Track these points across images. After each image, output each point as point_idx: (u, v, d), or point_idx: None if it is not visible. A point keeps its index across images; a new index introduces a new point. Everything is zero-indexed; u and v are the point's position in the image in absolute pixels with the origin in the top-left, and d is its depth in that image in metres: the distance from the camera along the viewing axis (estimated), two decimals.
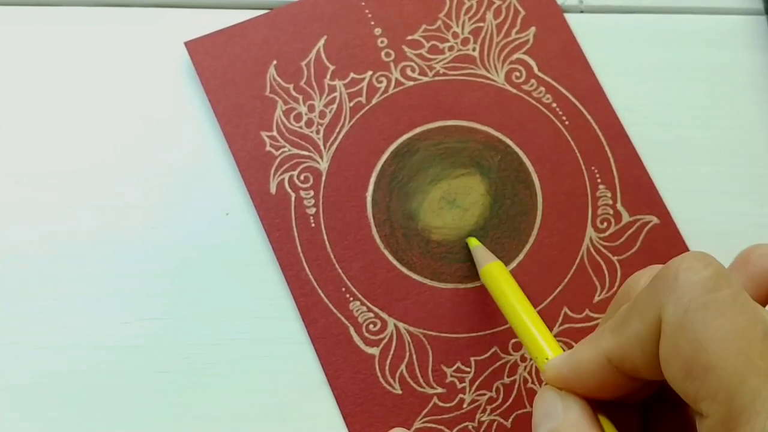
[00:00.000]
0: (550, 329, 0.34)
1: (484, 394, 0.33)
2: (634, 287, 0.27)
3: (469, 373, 0.33)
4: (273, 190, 0.35)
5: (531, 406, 0.33)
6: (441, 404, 0.33)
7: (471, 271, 0.34)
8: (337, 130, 0.35)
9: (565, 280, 0.34)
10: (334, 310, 0.33)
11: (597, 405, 0.26)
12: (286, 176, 0.35)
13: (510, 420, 0.33)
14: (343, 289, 0.34)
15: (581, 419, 0.26)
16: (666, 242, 0.35)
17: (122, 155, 0.35)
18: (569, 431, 0.26)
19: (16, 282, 0.33)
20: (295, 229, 0.34)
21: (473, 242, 0.34)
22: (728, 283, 0.23)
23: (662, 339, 0.23)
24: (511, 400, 0.33)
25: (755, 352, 0.21)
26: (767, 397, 0.21)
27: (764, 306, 0.26)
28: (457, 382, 0.33)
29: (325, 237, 0.34)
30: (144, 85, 0.36)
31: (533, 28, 0.37)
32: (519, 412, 0.33)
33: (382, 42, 0.37)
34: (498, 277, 0.32)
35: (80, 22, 0.36)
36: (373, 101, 0.36)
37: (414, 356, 0.33)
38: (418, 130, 0.36)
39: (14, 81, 0.35)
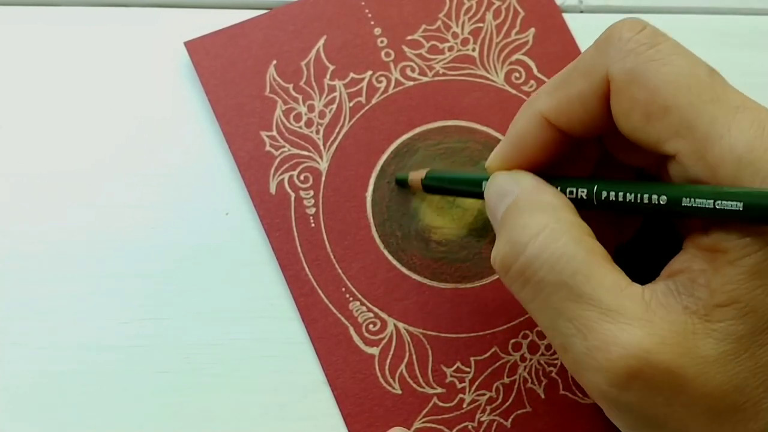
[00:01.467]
0: None
1: (484, 394, 0.33)
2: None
3: (468, 373, 0.33)
4: (273, 190, 0.35)
5: (531, 406, 0.33)
6: (441, 404, 0.33)
7: (471, 271, 0.34)
8: (336, 130, 0.35)
9: None
10: (334, 310, 0.33)
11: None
12: (286, 176, 0.35)
13: (510, 420, 0.33)
14: (343, 289, 0.34)
15: (538, 182, 0.27)
16: None
17: (122, 155, 0.35)
18: (529, 197, 0.26)
19: (16, 282, 0.33)
20: (295, 229, 0.34)
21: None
22: (666, 37, 0.25)
23: (614, 95, 0.25)
24: (511, 400, 0.33)
25: (704, 86, 0.24)
26: (724, 120, 0.23)
27: None
28: (457, 382, 0.33)
29: (325, 237, 0.34)
30: (143, 85, 0.36)
31: (533, 29, 0.37)
32: (519, 412, 0.33)
33: (381, 42, 0.37)
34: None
35: (80, 22, 0.36)
36: (373, 101, 0.36)
37: (414, 356, 0.33)
38: (418, 130, 0.36)
39: (14, 81, 0.35)
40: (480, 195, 0.30)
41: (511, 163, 0.28)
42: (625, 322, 0.23)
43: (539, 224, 0.25)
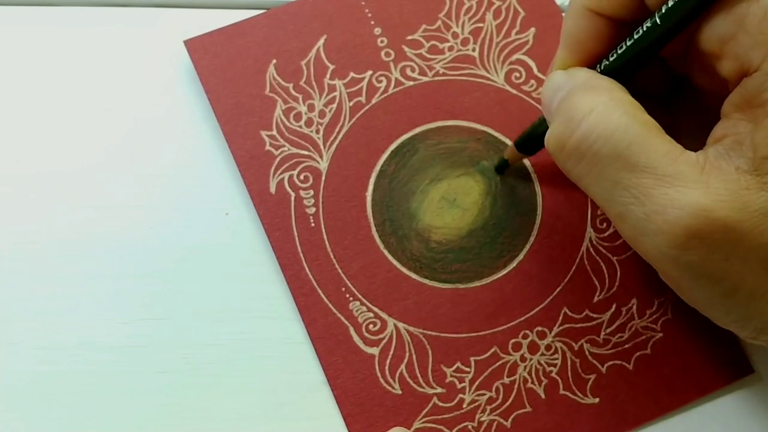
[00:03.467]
0: (550, 330, 0.34)
1: (484, 394, 0.33)
2: None
3: (468, 373, 0.33)
4: (273, 189, 0.34)
5: (531, 406, 0.33)
6: (441, 404, 0.33)
7: (471, 271, 0.34)
8: (336, 130, 0.35)
9: (565, 280, 0.34)
10: (334, 310, 0.33)
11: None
12: (286, 176, 0.35)
13: (510, 420, 0.33)
14: (343, 288, 0.34)
15: (592, 73, 0.28)
16: None
17: (121, 155, 0.35)
18: (583, 84, 0.27)
19: (16, 282, 0.33)
20: (294, 229, 0.34)
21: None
22: None
23: None
24: (510, 400, 0.33)
25: None
26: None
27: None
28: (457, 382, 0.33)
29: (325, 237, 0.34)
30: (143, 85, 0.36)
31: (533, 29, 0.37)
32: (519, 412, 0.33)
33: (381, 42, 0.37)
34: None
35: (79, 22, 0.36)
36: (373, 101, 0.36)
37: (414, 356, 0.33)
38: (418, 130, 0.36)
39: (14, 81, 0.35)
40: None
41: (569, 65, 0.29)
42: (682, 185, 0.24)
43: (593, 101, 0.26)
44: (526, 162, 0.36)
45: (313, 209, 0.34)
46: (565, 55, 0.29)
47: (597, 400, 0.33)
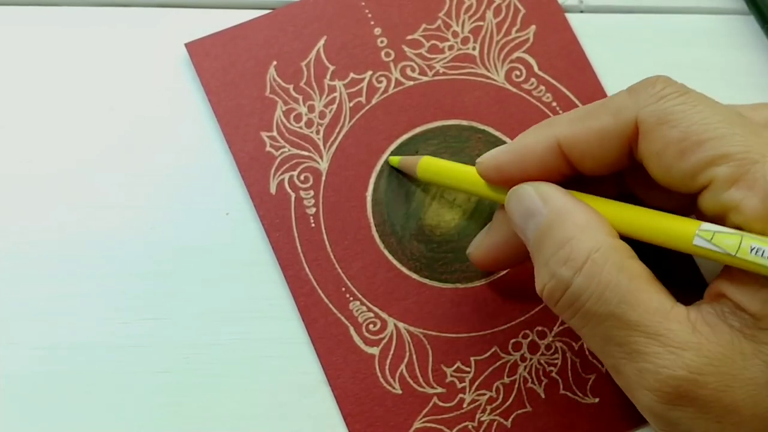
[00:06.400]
0: (550, 329, 0.34)
1: (484, 394, 0.33)
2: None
3: (469, 372, 0.33)
4: (273, 190, 0.35)
5: (531, 406, 0.33)
6: (441, 404, 0.33)
7: (471, 271, 0.34)
8: (337, 130, 0.35)
9: None
10: (334, 310, 0.33)
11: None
12: (286, 176, 0.35)
13: (510, 420, 0.33)
14: (343, 289, 0.34)
15: (566, 200, 0.27)
16: None
17: (122, 155, 0.35)
18: (560, 219, 0.26)
19: (16, 282, 0.33)
20: (295, 229, 0.34)
21: (394, 160, 0.35)
22: (693, 90, 0.26)
23: (644, 137, 0.26)
24: (511, 400, 0.33)
25: (736, 121, 0.25)
26: (758, 148, 0.24)
27: None
28: (457, 382, 0.33)
29: (325, 237, 0.34)
30: (144, 86, 0.36)
31: (533, 27, 0.37)
32: (519, 411, 0.33)
33: (381, 42, 0.37)
34: (438, 162, 0.33)
35: (80, 23, 0.36)
36: (373, 101, 0.36)
37: (414, 356, 0.33)
38: (418, 130, 0.36)
39: (14, 81, 0.35)
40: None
41: (505, 174, 0.28)
42: (673, 345, 0.24)
43: (580, 255, 0.25)
44: None
45: (314, 209, 0.34)
46: (508, 160, 0.28)
47: (597, 400, 0.33)
